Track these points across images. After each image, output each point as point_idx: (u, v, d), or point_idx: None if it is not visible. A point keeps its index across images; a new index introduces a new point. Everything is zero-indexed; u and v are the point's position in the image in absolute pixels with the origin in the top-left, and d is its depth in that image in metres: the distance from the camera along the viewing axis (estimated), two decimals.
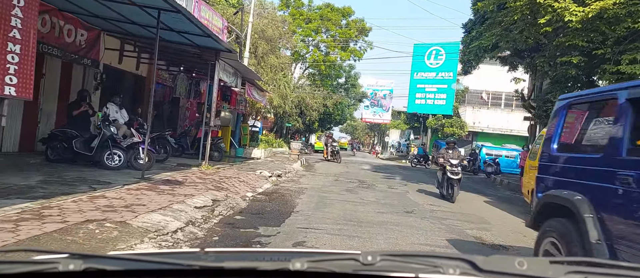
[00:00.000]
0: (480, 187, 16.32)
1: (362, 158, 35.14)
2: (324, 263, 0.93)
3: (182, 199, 6.51)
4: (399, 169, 22.37)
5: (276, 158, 18.58)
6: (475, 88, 37.18)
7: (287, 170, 14.16)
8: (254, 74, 14.68)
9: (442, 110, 35.72)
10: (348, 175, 15.60)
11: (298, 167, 16.32)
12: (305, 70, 43.46)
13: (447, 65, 35.52)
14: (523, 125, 39.85)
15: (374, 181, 14.21)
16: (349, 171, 17.72)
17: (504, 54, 18.48)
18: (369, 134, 72.47)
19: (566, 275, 0.94)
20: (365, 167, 21.13)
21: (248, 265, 0.95)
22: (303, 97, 38.35)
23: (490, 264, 0.94)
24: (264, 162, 16.11)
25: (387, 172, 19.41)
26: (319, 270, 0.91)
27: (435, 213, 8.54)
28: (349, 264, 0.93)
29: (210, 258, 0.98)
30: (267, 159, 17.40)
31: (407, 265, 0.95)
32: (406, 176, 18.19)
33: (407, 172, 21.17)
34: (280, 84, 19.93)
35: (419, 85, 37.25)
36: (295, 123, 39.23)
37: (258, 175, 11.41)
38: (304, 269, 0.90)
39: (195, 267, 0.93)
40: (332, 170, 17.46)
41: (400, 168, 24.19)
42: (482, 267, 0.93)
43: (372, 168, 20.92)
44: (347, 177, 14.75)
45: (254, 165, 14.47)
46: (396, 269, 0.93)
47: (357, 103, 52.72)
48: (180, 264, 0.93)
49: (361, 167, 20.64)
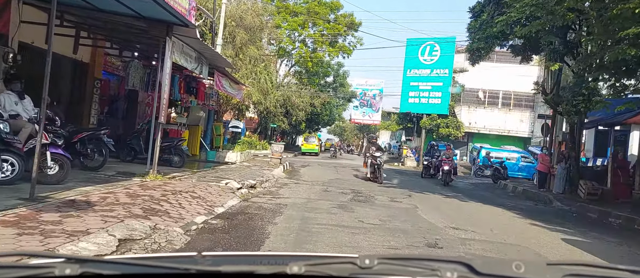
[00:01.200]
0: (493, 196, 13.77)
1: (351, 161, 32.52)
2: (321, 267, 0.93)
3: (62, 242, 3.75)
4: (394, 173, 19.74)
5: (255, 162, 15.80)
6: (470, 86, 34.82)
7: (265, 179, 11.41)
8: (224, 59, 11.91)
9: (437, 109, 33.28)
10: (339, 183, 12.90)
11: (279, 174, 13.56)
12: (291, 68, 40.72)
13: (442, 61, 33.11)
14: (521, 126, 37.72)
15: (370, 191, 11.54)
16: (340, 177, 15.01)
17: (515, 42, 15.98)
18: (358, 136, 69.88)
19: (564, 277, 0.94)
20: (359, 172, 18.45)
21: (245, 269, 0.95)
22: (288, 96, 35.58)
23: (488, 267, 0.94)
24: (238, 168, 13.34)
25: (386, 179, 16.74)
26: (316, 274, 0.91)
27: (470, 245, 5.88)
28: (347, 268, 0.93)
29: (208, 262, 0.98)
30: (243, 164, 14.61)
31: (404, 268, 0.95)
32: (406, 182, 15.54)
33: (404, 177, 18.55)
34: (261, 77, 17.15)
35: (412, 83, 34.73)
36: (281, 123, 36.44)
37: (223, 187, 8.62)
38: (302, 273, 0.90)
39: (192, 270, 0.93)
40: (321, 176, 14.74)
41: (396, 172, 21.57)
42: (480, 270, 0.92)
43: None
44: (338, 186, 12.06)
45: (224, 172, 11.69)
46: (394, 272, 0.93)
47: (346, 103, 50.10)
48: (177, 268, 0.94)
49: (353, 173, 17.96)
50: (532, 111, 34.63)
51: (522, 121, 34.91)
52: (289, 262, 0.92)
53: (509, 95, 35.01)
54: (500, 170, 19.04)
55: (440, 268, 0.93)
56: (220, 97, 15.36)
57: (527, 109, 34.82)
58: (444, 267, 0.94)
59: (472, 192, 14.19)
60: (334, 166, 20.67)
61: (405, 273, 0.93)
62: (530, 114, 34.69)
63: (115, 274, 0.92)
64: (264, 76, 17.31)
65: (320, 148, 45.66)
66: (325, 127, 54.09)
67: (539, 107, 33.93)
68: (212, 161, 14.74)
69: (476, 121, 34.95)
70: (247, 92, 16.52)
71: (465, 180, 20.67)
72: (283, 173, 14.09)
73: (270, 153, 15.64)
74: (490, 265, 0.95)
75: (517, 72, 34.62)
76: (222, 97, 15.82)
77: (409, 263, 0.96)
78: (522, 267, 0.93)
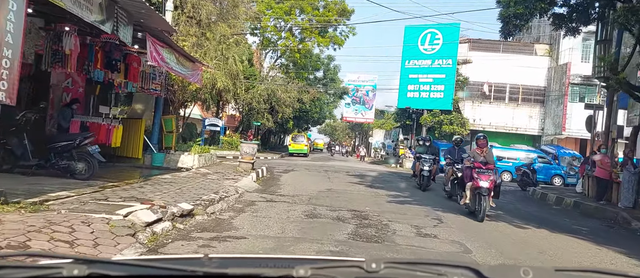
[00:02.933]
0: (543, 214, 9.90)
1: (344, 163, 28.54)
2: (327, 270, 0.92)
3: None
4: (400, 181, 15.78)
5: (219, 168, 11.74)
6: (474, 80, 31.02)
7: (221, 195, 7.38)
8: (158, 17, 7.84)
9: (439, 104, 29.44)
10: (332, 199, 8.90)
11: (247, 185, 9.51)
12: (276, 60, 36.64)
13: (445, 50, 29.26)
14: (531, 122, 34.04)
15: (380, 212, 7.53)
16: (332, 188, 11.00)
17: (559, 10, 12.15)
18: (350, 135, 65.94)
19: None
20: (354, 179, 14.47)
21: (252, 271, 0.95)
22: (273, 90, 31.52)
23: (496, 273, 0.93)
24: (189, 178, 9.30)
25: (389, 187, 12.75)
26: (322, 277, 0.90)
27: None
28: (353, 271, 0.92)
29: (214, 265, 0.99)
30: (199, 171, 10.54)
31: (411, 273, 0.94)
32: (421, 198, 11.59)
33: (412, 183, 14.63)
34: (229, 55, 13.05)
35: (411, 76, 30.84)
36: (265, 121, 32.35)
37: (115, 225, 4.54)
38: (308, 276, 0.89)
39: (198, 273, 0.92)
40: (307, 186, 10.74)
41: (401, 178, 17.59)
42: (488, 275, 0.91)
43: (364, 180, 14.28)
44: (331, 204, 8.07)
45: (159, 186, 7.64)
46: (400, 277, 0.92)
47: (337, 99, 46.06)
48: (184, 270, 0.93)
49: (349, 179, 13.98)
50: (542, 106, 30.99)
51: (531, 117, 31.20)
52: (295, 266, 0.90)
53: (516, 88, 31.29)
54: (529, 174, 15.21)
55: (447, 273, 0.92)
56: (171, 80, 11.26)
57: (537, 103, 31.15)
58: (451, 271, 0.93)
59: (513, 208, 10.29)
60: (324, 171, 16.66)
61: (412, 277, 0.91)
62: (540, 109, 31.03)
63: (122, 275, 0.91)
64: (233, 56, 13.18)
65: (309, 148, 41.68)
66: (316, 125, 49.98)
67: (550, 102, 30.29)
68: (158, 167, 10.66)
69: (481, 118, 31.13)
70: (211, 75, 12.43)
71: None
72: (254, 184, 10.04)
73: (240, 156, 11.55)
74: (498, 271, 0.94)
75: (525, 63, 30.96)
76: (176, 82, 11.73)
77: (416, 268, 0.96)
78: (530, 273, 0.91)
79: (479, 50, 31.54)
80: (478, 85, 31.31)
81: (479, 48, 31.71)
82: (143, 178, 8.42)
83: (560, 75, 29.61)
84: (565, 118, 28.63)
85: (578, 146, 28.38)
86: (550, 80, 30.76)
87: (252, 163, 11.30)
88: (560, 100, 29.08)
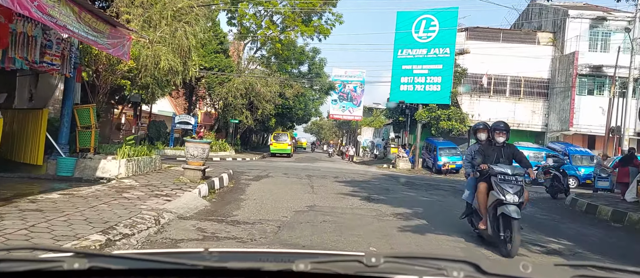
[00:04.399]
0: (614, 238, 6.88)
1: (331, 164, 25.37)
2: (327, 265, 0.91)
3: None
4: (403, 188, 12.65)
5: (157, 178, 8.40)
6: (472, 71, 28.10)
7: (120, 233, 4.17)
8: None
9: (436, 98, 26.39)
10: (314, 228, 5.67)
11: (186, 205, 6.20)
12: (256, 52, 33.26)
13: (442, 38, 26.22)
14: (534, 118, 31.32)
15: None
16: (316, 204, 7.75)
17: None
18: (337, 133, 62.76)
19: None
20: (345, 187, 11.26)
21: (252, 265, 0.94)
22: (252, 83, 28.17)
23: (495, 267, 0.92)
24: (98, 196, 5.98)
25: (393, 200, 9.51)
26: (322, 272, 0.90)
27: None
28: (353, 266, 0.91)
29: (214, 258, 0.98)
30: (123, 183, 7.18)
31: (410, 267, 0.93)
32: (443, 219, 8.45)
33: (432, 196, 11.48)
34: (178, 26, 9.69)
35: (404, 67, 27.74)
36: (243, 118, 28.97)
37: None
38: (308, 270, 0.88)
39: (199, 266, 0.91)
40: (280, 203, 7.48)
41: (402, 183, 14.42)
42: (487, 270, 0.91)
43: (358, 188, 11.07)
44: (312, 241, 4.87)
45: (28, 214, 4.39)
46: (400, 271, 0.92)
47: (323, 96, 42.83)
48: (184, 264, 0.92)
49: (338, 188, 10.78)
50: (546, 100, 28.24)
51: (534, 112, 28.43)
52: (295, 260, 0.90)
53: (518, 81, 28.48)
54: (560, 177, 12.19)
55: (446, 267, 0.91)
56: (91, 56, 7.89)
57: (540, 97, 28.38)
58: (451, 266, 0.92)
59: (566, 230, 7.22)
60: (307, 176, 13.43)
61: (412, 272, 0.91)
62: (544, 103, 28.27)
63: (123, 269, 0.91)
64: (183, 26, 9.81)
65: (293, 148, 38.47)
66: (301, 124, 46.65)
67: (555, 96, 27.56)
68: (65, 178, 7.29)
69: (479, 113, 28.21)
70: (153, 52, 9.06)
71: None
72: (201, 202, 6.74)
73: (186, 160, 8.21)
74: (498, 265, 0.94)
75: (527, 53, 28.18)
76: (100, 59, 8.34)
77: (415, 262, 0.95)
78: (529, 268, 0.91)
79: (477, 40, 28.67)
80: (476, 78, 28.40)
81: (477, 37, 28.83)
82: (17, 200, 5.10)
83: (566, 65, 26.86)
84: (573, 112, 25.91)
85: (586, 143, 25.69)
86: (554, 71, 28.02)
87: (202, 170, 7.98)
88: (567, 93, 26.33)
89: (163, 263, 0.91)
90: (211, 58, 26.92)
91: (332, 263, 0.92)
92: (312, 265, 0.88)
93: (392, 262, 0.92)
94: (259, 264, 0.93)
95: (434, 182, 15.48)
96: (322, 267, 0.89)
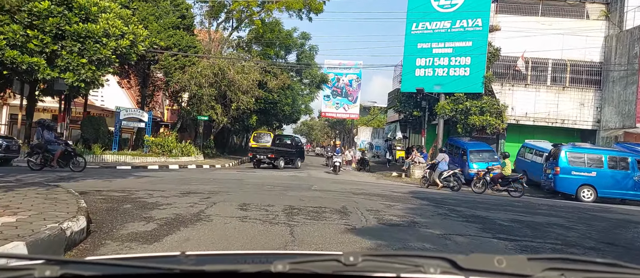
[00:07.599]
0: None
1: (328, 176, 18.73)
2: (306, 265, 0.90)
3: None
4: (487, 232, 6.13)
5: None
6: (505, 53, 21.61)
7: None
8: None
9: (464, 85, 19.86)
10: None
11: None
12: (231, 33, 26.50)
13: (471, 5, 19.82)
14: (582, 113, 24.99)
15: None
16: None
17: None
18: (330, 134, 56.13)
19: (543, 272, 0.92)
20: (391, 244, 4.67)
21: (229, 267, 0.91)
22: (222, 68, 21.45)
23: (471, 262, 0.92)
24: None
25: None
26: (301, 272, 0.88)
27: None
28: (331, 265, 0.90)
29: (191, 262, 0.96)
30: None
31: (389, 265, 0.93)
32: None
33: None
34: None
35: (421, 45, 21.19)
36: (213, 114, 22.22)
37: None
38: (286, 270, 0.87)
39: (175, 270, 0.89)
40: None
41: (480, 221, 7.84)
42: (463, 265, 0.91)
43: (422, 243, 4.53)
44: None
45: None
46: (378, 269, 0.91)
47: (314, 90, 36.06)
48: (160, 268, 0.89)
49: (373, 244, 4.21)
50: (598, 89, 21.95)
51: (583, 105, 22.11)
52: (273, 261, 0.89)
53: (562, 65, 22.15)
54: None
55: (424, 264, 0.92)
56: None
57: (591, 86, 22.08)
58: (428, 262, 0.92)
59: None
60: (288, 208, 6.79)
61: (390, 269, 0.91)
62: (594, 94, 21.98)
63: (97, 275, 0.88)
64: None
65: None
66: (288, 123, 39.80)
67: (611, 83, 21.27)
68: None
69: (514, 106, 21.84)
70: None
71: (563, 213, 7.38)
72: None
73: None
74: (473, 260, 0.93)
75: (573, 30, 21.94)
76: None
77: (393, 260, 0.95)
78: (503, 262, 0.91)
79: (510, 13, 22.27)
80: (509, 62, 21.96)
81: (509, 10, 22.42)
82: None
83: (627, 45, 20.57)
84: (639, 105, 19.66)
85: None
86: (609, 52, 21.73)
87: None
88: (630, 79, 20.04)
89: (138, 268, 0.89)
90: (168, 34, 20.13)
91: (310, 263, 0.90)
92: (290, 266, 0.87)
93: (370, 261, 0.91)
94: (237, 266, 0.91)
95: (509, 206, 8.87)
96: (301, 267, 0.88)
